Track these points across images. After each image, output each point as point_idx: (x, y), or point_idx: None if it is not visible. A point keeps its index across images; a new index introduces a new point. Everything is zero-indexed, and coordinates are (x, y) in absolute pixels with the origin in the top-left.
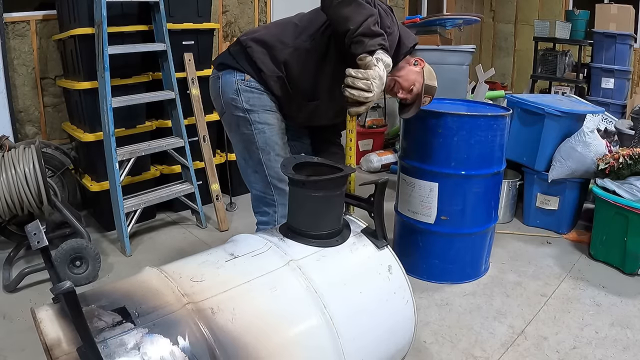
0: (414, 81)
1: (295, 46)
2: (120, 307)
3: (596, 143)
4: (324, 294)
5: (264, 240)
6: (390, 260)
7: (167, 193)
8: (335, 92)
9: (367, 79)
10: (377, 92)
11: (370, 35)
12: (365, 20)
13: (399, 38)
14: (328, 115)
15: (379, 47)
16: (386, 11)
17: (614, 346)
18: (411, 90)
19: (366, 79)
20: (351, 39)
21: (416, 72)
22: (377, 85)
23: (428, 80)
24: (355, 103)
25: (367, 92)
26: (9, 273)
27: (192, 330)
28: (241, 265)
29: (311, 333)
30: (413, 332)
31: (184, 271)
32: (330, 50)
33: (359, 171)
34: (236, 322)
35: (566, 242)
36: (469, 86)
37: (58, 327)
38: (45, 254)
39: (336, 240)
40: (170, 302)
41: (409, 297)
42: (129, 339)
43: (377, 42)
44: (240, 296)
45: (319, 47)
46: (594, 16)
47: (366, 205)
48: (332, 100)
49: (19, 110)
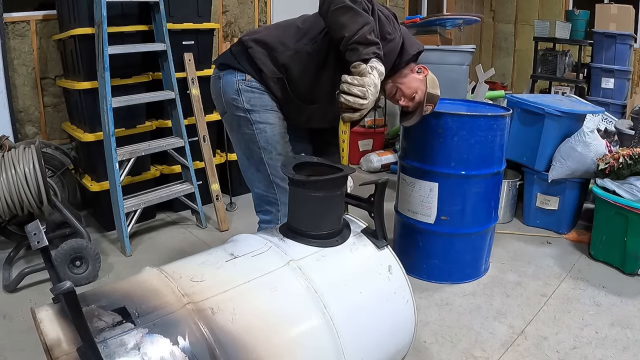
0: (416, 89)
1: (296, 49)
2: (120, 307)
3: (596, 143)
4: (324, 294)
5: (264, 240)
6: (391, 260)
7: (167, 193)
8: (335, 96)
9: (362, 86)
10: (371, 100)
11: (365, 43)
12: (361, 29)
13: (402, 45)
14: (327, 118)
15: (373, 56)
16: (388, 17)
17: (614, 346)
18: (413, 98)
19: (362, 86)
20: (346, 46)
21: (419, 79)
22: (372, 92)
23: (431, 89)
24: (349, 109)
25: (362, 99)
26: (9, 273)
27: (192, 330)
28: (241, 265)
29: (311, 333)
30: (413, 332)
31: (184, 271)
32: (331, 54)
33: (358, 171)
34: (236, 322)
35: (566, 242)
36: (469, 86)
37: (58, 327)
38: (45, 254)
39: (336, 240)
40: (170, 302)
41: (409, 297)
42: (129, 339)
43: (372, 50)
44: (240, 296)
45: (319, 50)
46: (594, 16)
47: (366, 205)
48: (331, 104)
49: (19, 110)
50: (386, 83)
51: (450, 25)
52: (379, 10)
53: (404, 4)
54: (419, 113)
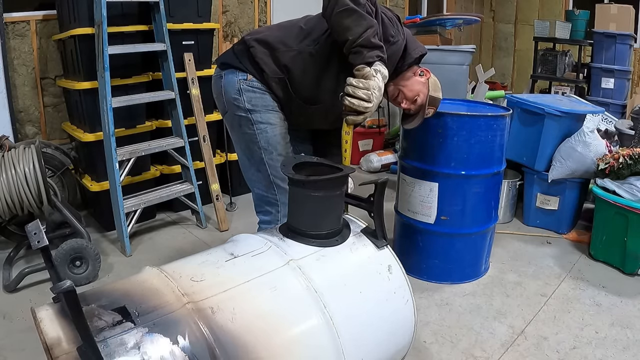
0: (418, 91)
1: (299, 49)
2: (120, 306)
3: (596, 143)
4: (324, 294)
5: (264, 240)
6: (390, 260)
7: (167, 193)
8: (337, 97)
9: (367, 89)
10: (375, 103)
11: (369, 46)
12: (365, 32)
13: (405, 47)
14: (329, 120)
15: (377, 59)
16: (392, 19)
17: (614, 346)
18: (415, 101)
19: (367, 89)
20: (350, 49)
21: (421, 82)
22: (376, 96)
23: (433, 92)
24: (353, 112)
25: (367, 102)
26: (9, 273)
27: (192, 330)
28: (241, 265)
29: (311, 333)
30: (413, 332)
31: (184, 271)
32: (334, 55)
33: (358, 171)
34: (236, 322)
35: (566, 242)
36: (469, 86)
37: (58, 327)
38: (45, 253)
39: (336, 240)
40: (170, 301)
41: (408, 297)
42: (129, 338)
43: (376, 53)
44: (240, 296)
45: (322, 51)
46: (594, 16)
47: (366, 205)
48: (333, 105)
49: (19, 110)
50: (388, 85)
51: (450, 25)
52: (383, 13)
53: (404, 4)
54: (421, 116)
